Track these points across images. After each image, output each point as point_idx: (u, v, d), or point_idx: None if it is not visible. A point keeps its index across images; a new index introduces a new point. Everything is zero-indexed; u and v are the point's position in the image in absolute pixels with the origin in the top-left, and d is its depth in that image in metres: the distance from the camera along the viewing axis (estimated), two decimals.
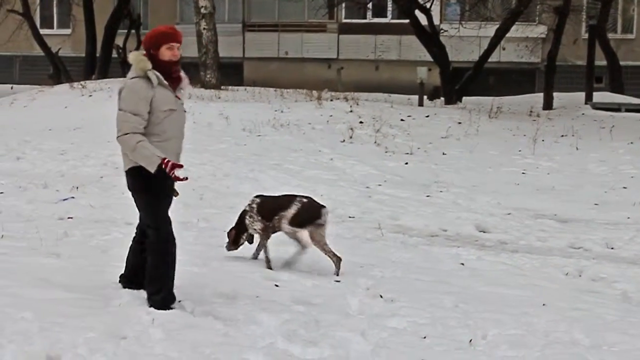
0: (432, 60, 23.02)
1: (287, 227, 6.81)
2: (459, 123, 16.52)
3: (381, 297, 6.17)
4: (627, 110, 19.26)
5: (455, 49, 24.49)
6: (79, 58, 26.86)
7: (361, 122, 15.94)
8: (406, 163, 13.59)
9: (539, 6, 24.55)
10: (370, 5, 26.69)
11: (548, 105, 20.58)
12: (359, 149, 14.23)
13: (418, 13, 22.20)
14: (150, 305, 5.34)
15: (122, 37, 25.29)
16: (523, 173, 13.23)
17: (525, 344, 5.15)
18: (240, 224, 7.09)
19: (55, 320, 4.89)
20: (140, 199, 5.45)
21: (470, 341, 5.19)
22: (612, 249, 8.90)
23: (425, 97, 21.73)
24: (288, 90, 21.64)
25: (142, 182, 5.34)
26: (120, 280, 5.83)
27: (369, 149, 14.33)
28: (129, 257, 5.82)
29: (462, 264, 7.81)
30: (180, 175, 5.20)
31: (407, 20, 22.45)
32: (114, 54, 25.27)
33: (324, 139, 14.80)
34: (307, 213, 6.81)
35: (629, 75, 23.83)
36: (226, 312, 5.44)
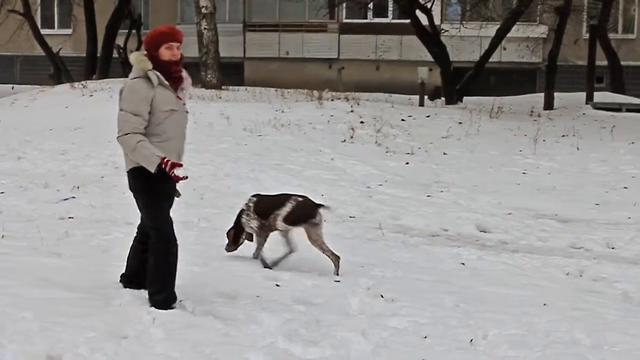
0: (433, 60, 23.02)
1: (281, 224, 6.83)
2: (460, 123, 16.52)
3: (382, 296, 6.17)
4: (628, 110, 19.27)
5: (456, 49, 24.51)
6: (79, 58, 26.89)
7: (362, 122, 15.94)
8: (407, 163, 13.59)
9: (539, 6, 24.55)
10: (371, 5, 26.69)
11: (549, 105, 20.58)
12: (359, 149, 14.22)
13: (419, 13, 22.19)
14: (151, 304, 5.34)
15: (123, 37, 25.34)
16: (524, 173, 13.23)
17: (526, 344, 5.15)
18: (239, 224, 7.12)
19: (56, 320, 4.89)
20: (141, 200, 5.44)
21: (471, 341, 5.19)
22: (613, 249, 8.90)
23: (426, 97, 21.74)
24: (289, 90, 21.65)
25: (143, 182, 5.33)
26: (121, 280, 5.84)
27: (370, 149, 14.33)
28: (130, 257, 5.83)
29: (463, 263, 7.80)
30: (179, 174, 5.19)
31: (407, 20, 22.46)
32: (115, 54, 25.31)
33: (324, 139, 14.80)
34: (301, 211, 6.83)
35: (629, 75, 23.84)
36: (227, 312, 5.44)
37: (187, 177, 5.26)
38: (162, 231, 5.39)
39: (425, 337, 5.21)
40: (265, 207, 6.98)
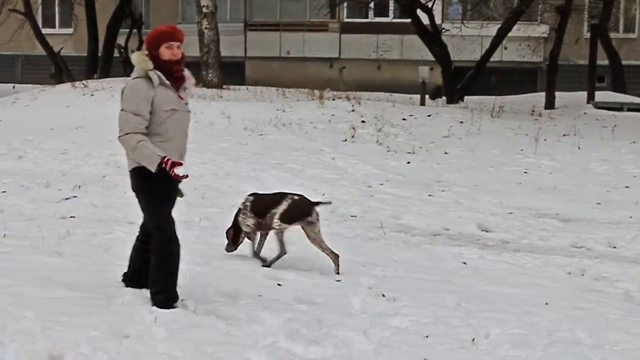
0: (434, 59, 23.02)
1: (276, 222, 6.83)
2: (461, 122, 16.52)
3: (383, 296, 6.17)
4: (629, 110, 19.26)
5: (457, 48, 24.49)
6: (80, 57, 26.90)
7: (363, 122, 15.95)
8: (408, 162, 13.59)
9: (540, 5, 24.53)
10: (372, 4, 26.68)
11: (550, 104, 20.57)
12: (360, 148, 14.23)
13: (420, 12, 22.19)
14: (153, 304, 5.34)
15: (124, 36, 25.35)
16: (525, 172, 13.23)
17: (528, 343, 5.15)
18: (237, 223, 7.15)
19: (58, 319, 4.89)
20: (143, 200, 5.43)
21: (473, 340, 5.18)
22: (614, 248, 8.89)
23: (427, 96, 21.74)
24: (290, 89, 21.67)
25: (144, 182, 5.32)
26: (123, 279, 5.84)
27: (371, 148, 14.33)
28: (132, 257, 5.82)
29: (465, 263, 7.80)
30: (179, 173, 5.17)
31: (409, 20, 22.47)
32: (116, 53, 25.31)
33: (325, 138, 14.80)
34: (297, 210, 6.83)
35: (631, 74, 23.84)
36: (228, 311, 5.43)
37: (187, 176, 5.24)
38: (164, 231, 5.38)
39: (427, 337, 5.21)
40: (261, 206, 7.00)
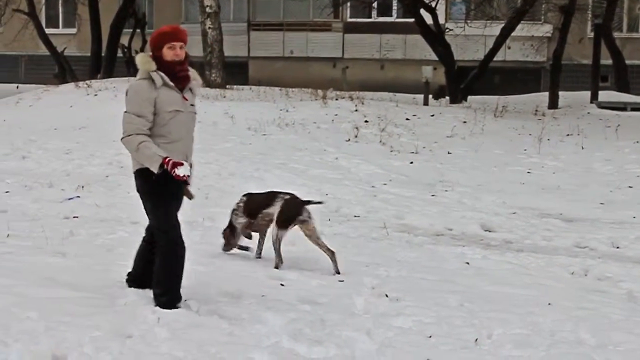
0: (437, 59, 22.99)
1: (275, 232, 6.88)
2: (464, 122, 16.51)
3: (386, 296, 6.17)
4: (633, 109, 19.24)
5: (461, 48, 24.47)
6: (84, 57, 26.91)
7: (366, 121, 15.95)
8: (411, 162, 13.58)
9: (544, 5, 24.50)
10: (375, 4, 26.67)
11: (553, 104, 20.55)
12: (364, 148, 14.23)
13: (423, 12, 22.17)
14: (156, 304, 5.34)
15: (128, 36, 25.36)
16: (528, 172, 13.21)
17: (531, 344, 5.14)
18: (232, 223, 7.22)
19: (61, 320, 4.89)
20: (147, 202, 5.42)
21: (476, 340, 5.18)
22: (617, 248, 8.88)
23: (431, 96, 21.73)
24: (293, 89, 21.66)
25: (148, 184, 5.31)
26: (127, 279, 5.83)
27: (374, 148, 14.33)
28: (137, 257, 5.81)
29: (468, 263, 7.79)
30: (180, 173, 5.14)
31: (412, 19, 22.44)
32: (119, 53, 25.33)
33: (329, 138, 14.80)
34: (289, 212, 6.87)
35: (634, 74, 23.79)
36: (231, 311, 5.44)
37: (189, 177, 5.24)
38: (169, 234, 5.36)
39: (430, 337, 5.21)
40: (253, 206, 7.09)
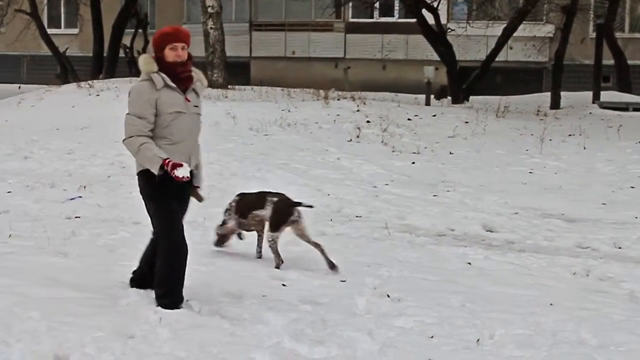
0: (439, 59, 22.98)
1: (269, 234, 6.93)
2: (466, 122, 16.50)
3: (388, 296, 6.16)
4: (635, 110, 19.20)
5: (463, 48, 24.47)
6: (86, 57, 26.93)
7: (368, 122, 15.94)
8: (413, 162, 13.58)
9: (546, 5, 24.50)
10: (377, 4, 26.67)
11: (555, 104, 20.53)
12: (366, 149, 14.22)
13: (425, 12, 22.17)
14: (158, 305, 5.34)
15: (130, 36, 25.37)
16: (530, 172, 13.20)
17: (533, 344, 5.14)
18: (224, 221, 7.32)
19: (63, 320, 4.89)
20: (149, 204, 5.40)
21: (478, 341, 5.18)
22: (619, 248, 8.87)
23: (433, 96, 21.72)
24: (295, 89, 21.65)
25: (150, 186, 5.30)
26: (131, 278, 5.81)
27: (376, 148, 14.32)
28: (143, 258, 5.78)
29: (469, 263, 7.79)
30: (179, 175, 5.12)
31: (414, 20, 22.43)
32: (121, 54, 25.34)
33: (331, 138, 14.80)
34: (281, 213, 6.92)
35: (636, 74, 23.76)
36: (233, 312, 5.44)
37: (189, 178, 5.21)
38: (170, 235, 5.34)
39: (432, 337, 5.21)
40: (244, 207, 7.16)
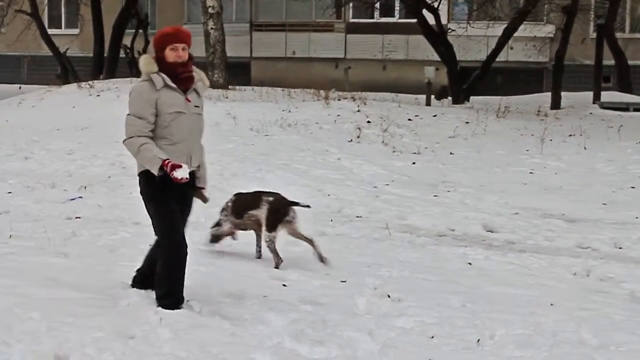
0: (439, 59, 22.99)
1: (266, 236, 6.93)
2: (467, 123, 16.49)
3: (389, 296, 6.17)
4: (635, 110, 19.19)
5: (463, 49, 24.46)
6: (86, 58, 26.94)
7: (369, 122, 15.94)
8: (413, 163, 13.57)
9: (547, 5, 24.50)
10: (377, 4, 26.67)
11: (556, 104, 20.53)
12: (366, 149, 14.22)
13: (425, 12, 22.17)
14: (158, 305, 5.34)
15: (130, 37, 25.37)
16: (531, 173, 13.20)
17: (533, 344, 5.14)
18: (219, 221, 7.37)
19: (64, 320, 4.90)
20: (149, 204, 5.39)
21: (478, 341, 5.18)
22: (620, 248, 8.87)
23: (433, 96, 21.72)
24: (295, 89, 21.65)
25: (150, 187, 5.29)
26: (134, 277, 5.80)
27: (377, 148, 14.32)
28: (146, 258, 5.76)
29: (470, 263, 7.79)
30: (178, 176, 5.09)
31: (414, 20, 22.43)
32: (122, 54, 25.34)
33: (331, 138, 14.79)
34: (277, 214, 6.93)
35: (637, 74, 23.76)
36: (234, 312, 5.44)
37: (187, 179, 5.17)
38: (170, 236, 5.33)
39: (432, 337, 5.21)
40: (240, 206, 7.16)
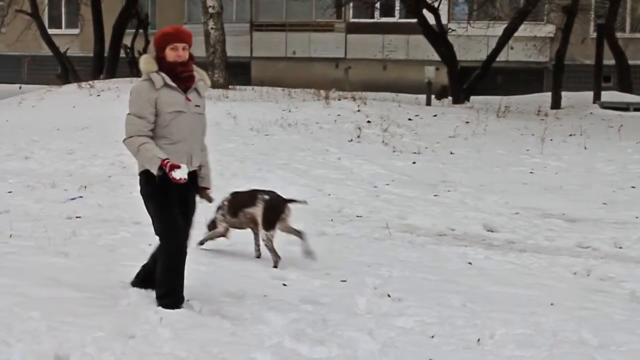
0: (440, 59, 22.99)
1: (264, 234, 6.94)
2: (467, 122, 16.49)
3: (389, 296, 6.16)
4: (636, 110, 19.20)
5: (463, 48, 24.47)
6: (87, 58, 26.96)
7: (369, 122, 15.93)
8: (414, 162, 13.57)
9: (547, 5, 24.51)
10: (377, 4, 26.68)
11: (556, 104, 20.54)
12: (366, 149, 14.21)
13: (426, 12, 22.17)
14: (158, 305, 5.34)
15: (130, 36, 25.39)
16: (531, 172, 13.20)
17: (533, 344, 5.14)
18: (214, 219, 7.39)
19: (64, 320, 4.89)
20: (149, 204, 5.38)
21: (478, 340, 5.18)
22: (620, 248, 8.87)
23: (433, 96, 21.72)
24: (296, 89, 21.65)
25: (149, 187, 5.29)
26: (137, 274, 5.79)
27: (377, 148, 14.31)
28: (151, 257, 5.73)
29: (470, 263, 7.79)
30: (176, 176, 5.07)
31: (414, 20, 22.43)
32: (122, 54, 25.35)
33: (331, 138, 14.79)
34: (274, 212, 6.94)
35: (637, 74, 23.76)
36: (234, 311, 5.44)
37: (186, 179, 5.13)
38: (169, 236, 5.32)
39: (433, 337, 5.21)
40: (236, 205, 7.17)
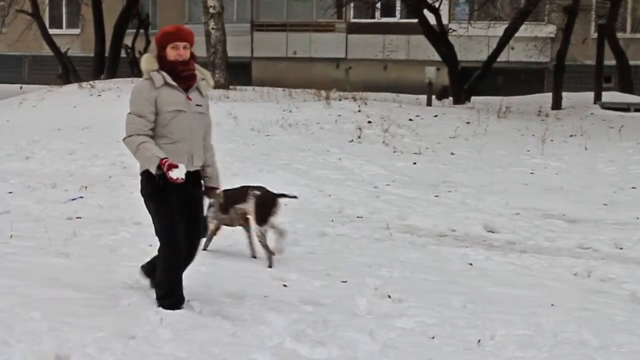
0: (440, 59, 22.99)
1: (257, 228, 6.98)
2: (468, 123, 16.49)
3: (389, 297, 6.17)
4: (636, 110, 19.20)
5: (464, 49, 24.48)
6: (87, 58, 26.97)
7: (369, 122, 15.93)
8: (414, 163, 13.57)
9: (548, 5, 24.50)
10: (378, 4, 26.68)
11: (557, 105, 20.53)
12: (367, 149, 14.21)
13: (427, 12, 22.18)
14: (158, 305, 5.34)
15: (131, 36, 25.40)
16: (532, 173, 13.19)
17: (534, 345, 5.14)
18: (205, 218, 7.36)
19: (64, 320, 4.90)
20: (148, 204, 5.38)
21: (479, 341, 5.18)
22: (621, 249, 8.86)
23: (434, 96, 21.72)
24: (296, 90, 21.64)
25: (150, 186, 5.28)
26: (148, 261, 5.76)
27: (377, 148, 14.31)
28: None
29: (471, 264, 7.79)
30: (173, 176, 5.05)
31: (415, 20, 22.44)
32: (123, 54, 25.36)
33: (332, 138, 14.79)
34: (266, 207, 6.98)
35: (638, 74, 23.78)
36: (234, 312, 5.44)
37: (183, 179, 5.11)
38: (168, 236, 5.32)
39: (433, 338, 5.21)
40: (227, 201, 7.09)
